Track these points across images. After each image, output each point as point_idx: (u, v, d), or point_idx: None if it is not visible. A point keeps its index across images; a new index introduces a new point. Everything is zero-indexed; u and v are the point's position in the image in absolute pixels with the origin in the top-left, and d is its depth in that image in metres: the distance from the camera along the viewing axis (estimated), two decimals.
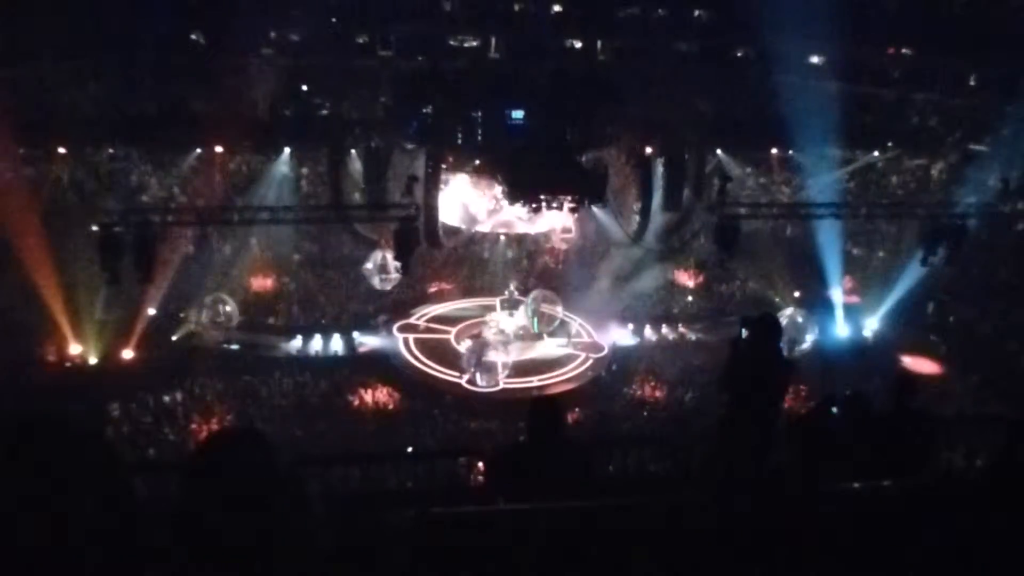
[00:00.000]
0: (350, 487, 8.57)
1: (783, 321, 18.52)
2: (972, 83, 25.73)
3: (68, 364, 19.70)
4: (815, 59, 27.93)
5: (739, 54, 28.15)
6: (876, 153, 23.28)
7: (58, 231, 19.39)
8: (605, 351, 21.90)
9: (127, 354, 20.27)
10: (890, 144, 23.15)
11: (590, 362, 21.38)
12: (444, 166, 19.96)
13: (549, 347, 22.21)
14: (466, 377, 19.96)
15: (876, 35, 26.90)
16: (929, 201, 21.22)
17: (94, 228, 17.33)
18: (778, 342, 6.66)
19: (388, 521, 3.32)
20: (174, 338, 21.06)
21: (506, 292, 23.34)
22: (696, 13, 29.34)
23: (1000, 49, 24.87)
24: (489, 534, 3.02)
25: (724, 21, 28.37)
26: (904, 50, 26.99)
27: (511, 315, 22.72)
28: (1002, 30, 25.46)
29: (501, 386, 19.85)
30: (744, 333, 6.47)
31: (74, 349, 19.87)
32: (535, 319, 22.35)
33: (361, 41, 27.69)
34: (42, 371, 18.87)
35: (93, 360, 19.96)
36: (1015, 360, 20.19)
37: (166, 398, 18.82)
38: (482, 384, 19.79)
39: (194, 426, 17.59)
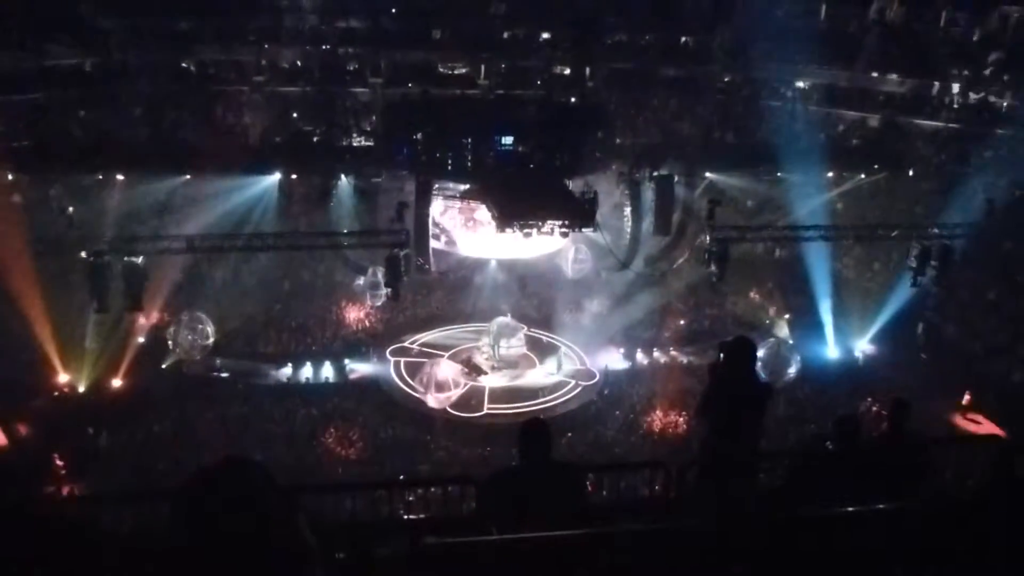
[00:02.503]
0: (342, 515, 8.47)
1: (765, 351, 18.42)
2: (955, 106, 26.14)
3: (57, 393, 19.49)
4: (802, 84, 28.33)
5: (727, 79, 28.49)
6: (863, 176, 23.50)
7: (48, 258, 19.31)
8: (596, 379, 21.85)
9: (116, 382, 20.10)
10: (876, 166, 23.39)
11: (579, 390, 21.33)
12: (434, 192, 20.02)
13: (539, 374, 22.16)
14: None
15: (862, 60, 27.36)
16: (916, 223, 21.38)
17: (83, 255, 17.23)
18: (752, 364, 6.63)
19: (381, 552, 3.30)
20: (163, 366, 20.89)
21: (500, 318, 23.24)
22: (683, 39, 29.75)
23: (981, 73, 25.36)
24: (483, 564, 3.00)
25: (711, 47, 28.78)
26: (889, 75, 27.43)
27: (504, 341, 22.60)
28: (984, 56, 25.98)
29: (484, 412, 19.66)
30: (721, 358, 6.46)
31: (63, 378, 19.68)
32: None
33: (352, 68, 27.92)
34: (31, 399, 18.64)
35: (82, 389, 19.77)
36: (1004, 379, 20.24)
37: (156, 427, 18.65)
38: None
39: (185, 455, 17.37)
